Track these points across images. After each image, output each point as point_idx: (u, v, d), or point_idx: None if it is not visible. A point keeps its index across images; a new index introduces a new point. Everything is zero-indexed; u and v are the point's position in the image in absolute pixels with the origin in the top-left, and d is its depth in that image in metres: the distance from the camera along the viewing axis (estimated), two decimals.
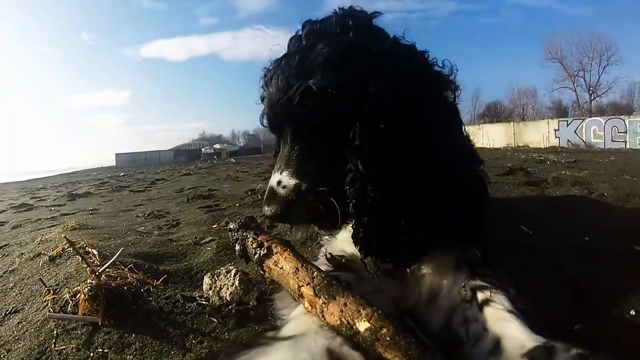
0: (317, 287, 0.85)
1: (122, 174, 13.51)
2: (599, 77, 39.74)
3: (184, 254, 2.13)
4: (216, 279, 1.30)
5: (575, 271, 1.56)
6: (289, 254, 0.99)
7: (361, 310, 0.76)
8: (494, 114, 48.61)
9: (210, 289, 1.30)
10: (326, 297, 0.82)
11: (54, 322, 1.22)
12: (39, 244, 2.37)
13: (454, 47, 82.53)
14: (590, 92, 40.05)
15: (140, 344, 1.03)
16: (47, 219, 4.05)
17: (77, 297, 1.23)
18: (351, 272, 1.11)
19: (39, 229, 3.34)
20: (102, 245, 2.21)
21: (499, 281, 1.02)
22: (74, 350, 1.07)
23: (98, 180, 11.10)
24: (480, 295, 0.98)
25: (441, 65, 1.12)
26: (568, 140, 20.88)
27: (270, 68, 1.11)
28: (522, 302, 0.96)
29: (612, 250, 1.79)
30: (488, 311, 0.93)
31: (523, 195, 3.47)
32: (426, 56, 1.10)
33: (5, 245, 2.72)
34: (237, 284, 1.23)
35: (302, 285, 0.88)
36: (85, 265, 1.73)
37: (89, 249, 1.98)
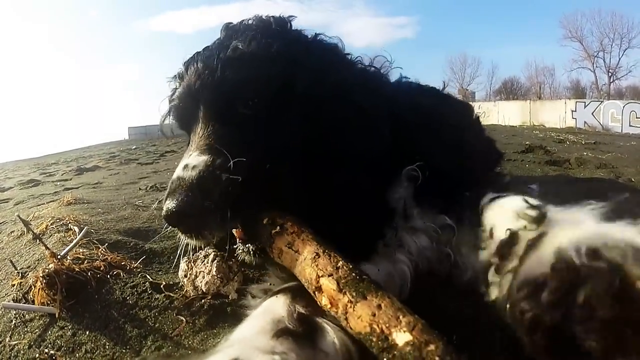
0: (343, 281, 0.66)
1: (133, 147, 13.51)
2: (619, 59, 36.89)
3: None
4: (192, 265, 1.12)
5: None
6: (307, 236, 0.79)
7: (400, 318, 0.56)
8: (510, 91, 46.47)
9: (185, 276, 1.13)
10: (354, 294, 0.63)
11: (14, 311, 1.09)
12: (31, 220, 2.28)
13: (469, 22, 77.38)
14: (610, 74, 37.41)
15: (92, 345, 0.89)
16: (49, 194, 4.01)
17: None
18: None
19: (39, 205, 3.29)
20: (91, 220, 2.11)
21: None
22: (25, 347, 0.93)
23: (109, 154, 11.14)
24: None
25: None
26: (585, 122, 19.96)
27: (185, 63, 1.05)
28: None
29: None
30: None
31: (545, 175, 3.24)
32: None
33: (2, 222, 2.67)
34: (214, 272, 1.05)
35: (323, 276, 0.69)
36: (64, 245, 1.61)
37: (71, 226, 1.86)
